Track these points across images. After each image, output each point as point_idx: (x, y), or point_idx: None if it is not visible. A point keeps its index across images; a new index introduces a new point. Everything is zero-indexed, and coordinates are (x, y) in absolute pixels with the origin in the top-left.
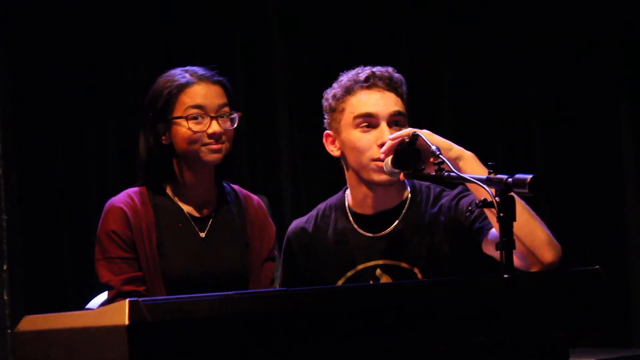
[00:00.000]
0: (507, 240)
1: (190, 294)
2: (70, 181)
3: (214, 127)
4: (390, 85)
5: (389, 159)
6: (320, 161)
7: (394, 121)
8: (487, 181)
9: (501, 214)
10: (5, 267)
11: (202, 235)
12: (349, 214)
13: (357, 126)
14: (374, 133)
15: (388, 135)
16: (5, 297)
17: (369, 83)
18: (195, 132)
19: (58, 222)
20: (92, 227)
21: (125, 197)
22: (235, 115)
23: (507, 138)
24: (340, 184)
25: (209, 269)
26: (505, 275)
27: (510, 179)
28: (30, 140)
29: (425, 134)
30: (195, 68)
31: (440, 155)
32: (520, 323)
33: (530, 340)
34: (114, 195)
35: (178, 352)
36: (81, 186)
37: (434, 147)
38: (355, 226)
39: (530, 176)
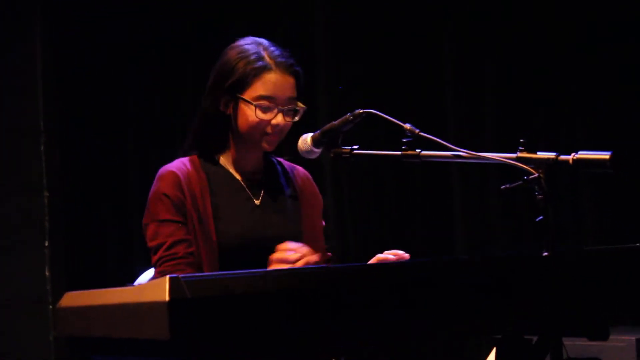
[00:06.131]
0: (547, 219)
1: (243, 259)
2: (111, 158)
3: (279, 119)
4: None
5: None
6: (323, 157)
7: None
8: (519, 160)
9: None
10: (46, 244)
11: (257, 202)
12: None
13: None
14: None
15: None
16: (47, 273)
17: None
18: (260, 120)
19: (99, 198)
20: (134, 203)
21: (178, 164)
22: (299, 109)
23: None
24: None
25: (264, 235)
26: (545, 254)
27: (567, 157)
28: (72, 117)
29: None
30: (272, 48)
31: (422, 133)
32: (560, 300)
33: (571, 318)
34: (156, 171)
35: (218, 327)
36: (123, 163)
37: (408, 125)
38: None
39: (609, 153)
